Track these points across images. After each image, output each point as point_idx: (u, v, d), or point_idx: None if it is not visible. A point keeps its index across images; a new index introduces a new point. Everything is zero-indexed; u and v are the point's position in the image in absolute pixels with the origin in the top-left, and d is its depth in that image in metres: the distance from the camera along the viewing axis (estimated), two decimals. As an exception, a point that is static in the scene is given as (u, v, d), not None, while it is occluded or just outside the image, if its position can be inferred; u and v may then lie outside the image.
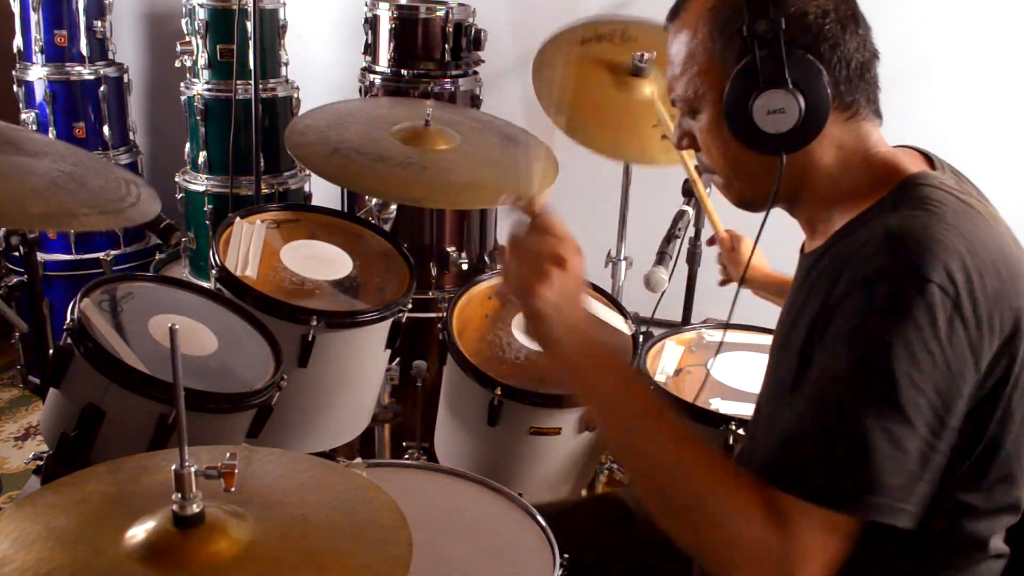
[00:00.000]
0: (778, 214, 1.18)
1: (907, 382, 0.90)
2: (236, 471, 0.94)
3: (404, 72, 2.56)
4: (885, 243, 0.95)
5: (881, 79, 1.12)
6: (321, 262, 2.01)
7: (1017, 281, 0.98)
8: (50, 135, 2.91)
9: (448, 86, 2.58)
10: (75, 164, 1.44)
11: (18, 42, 2.90)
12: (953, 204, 1.00)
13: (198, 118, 2.76)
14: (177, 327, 0.88)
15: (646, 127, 2.18)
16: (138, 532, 0.93)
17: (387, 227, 2.19)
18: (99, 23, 2.94)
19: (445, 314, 1.92)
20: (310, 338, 1.78)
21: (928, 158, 1.13)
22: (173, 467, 0.91)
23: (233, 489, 0.94)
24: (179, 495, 0.91)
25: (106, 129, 3.01)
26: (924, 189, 1.02)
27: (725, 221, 1.89)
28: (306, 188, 2.96)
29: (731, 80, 1.05)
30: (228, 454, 0.95)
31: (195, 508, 0.92)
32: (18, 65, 2.93)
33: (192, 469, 0.91)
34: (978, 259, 0.94)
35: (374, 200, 2.18)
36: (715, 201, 2.02)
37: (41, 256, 2.73)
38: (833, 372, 0.94)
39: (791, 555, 0.91)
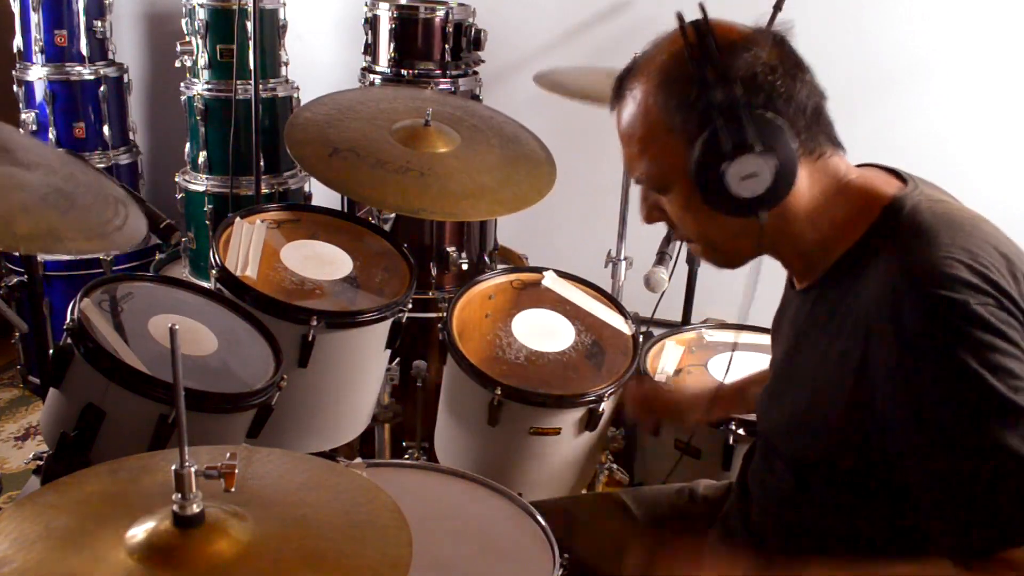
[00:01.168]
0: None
1: (1006, 386, 0.91)
2: (236, 471, 0.94)
3: (404, 72, 2.56)
4: (908, 289, 0.96)
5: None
6: (321, 262, 2.01)
7: (1018, 278, 0.99)
8: (50, 135, 2.92)
9: (448, 86, 2.58)
10: (67, 178, 1.40)
11: (18, 42, 2.90)
12: (942, 220, 1.02)
13: (198, 118, 2.76)
14: (177, 327, 0.88)
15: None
16: (138, 532, 0.93)
17: (387, 227, 2.19)
18: (99, 23, 2.94)
19: (445, 314, 1.92)
20: (310, 338, 1.78)
21: (896, 174, 1.14)
22: (173, 467, 0.91)
23: (233, 489, 0.94)
24: (179, 495, 0.91)
25: (106, 129, 3.01)
26: (909, 215, 1.04)
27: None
28: (306, 188, 2.96)
29: (697, 153, 1.03)
30: (228, 454, 0.95)
31: (195, 508, 0.92)
32: (18, 65, 2.93)
33: (192, 469, 0.91)
34: (988, 266, 0.96)
35: (374, 200, 2.18)
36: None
37: (41, 256, 2.73)
38: (949, 430, 0.94)
39: None
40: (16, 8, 2.86)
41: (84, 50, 2.92)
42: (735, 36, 1.05)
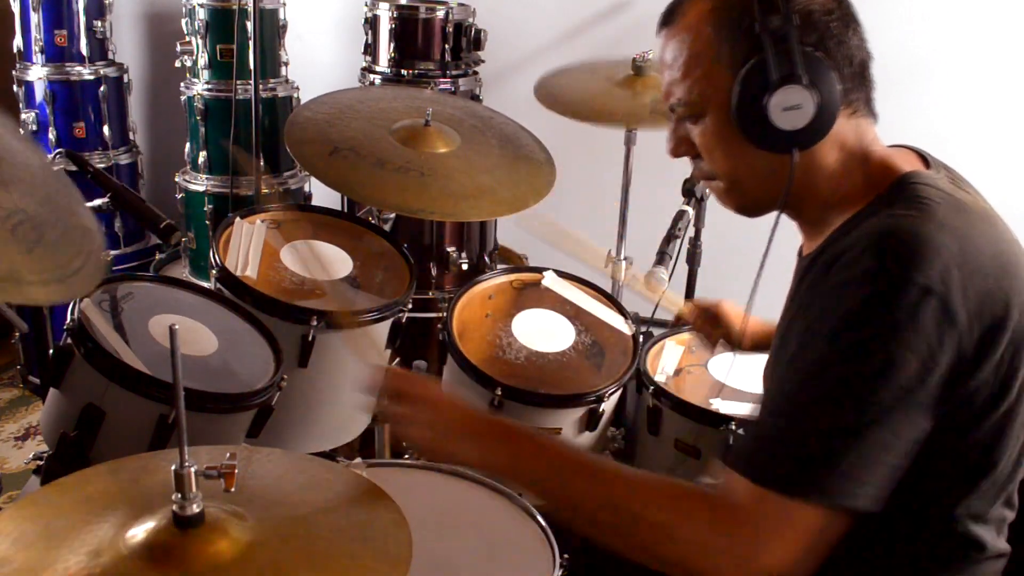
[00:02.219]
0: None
1: (882, 378, 0.91)
2: (236, 471, 0.94)
3: (404, 72, 2.57)
4: (873, 244, 0.95)
5: (881, 79, 1.12)
6: (321, 262, 2.01)
7: (1012, 277, 0.98)
8: (50, 135, 2.91)
9: (448, 86, 2.58)
10: (43, 201, 1.31)
11: (18, 42, 2.90)
12: (945, 202, 1.00)
13: (198, 118, 2.76)
14: (177, 327, 0.88)
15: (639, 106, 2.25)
16: (138, 532, 0.93)
17: (387, 227, 2.19)
18: (99, 23, 2.94)
19: (445, 314, 1.92)
20: (310, 338, 1.78)
21: (923, 157, 1.13)
22: (173, 467, 0.91)
23: (233, 489, 0.94)
24: (179, 495, 0.91)
25: (106, 129, 3.01)
26: (916, 188, 1.03)
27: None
28: (306, 188, 2.96)
29: (741, 78, 1.04)
30: (228, 454, 0.95)
31: (195, 508, 0.92)
32: (18, 65, 2.92)
33: (192, 469, 0.91)
34: (969, 256, 0.95)
35: (374, 200, 2.18)
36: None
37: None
38: (810, 368, 0.96)
39: (749, 541, 0.94)
40: (16, 8, 2.86)
41: (84, 50, 2.91)
42: None
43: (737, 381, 1.84)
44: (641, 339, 1.99)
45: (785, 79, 1.02)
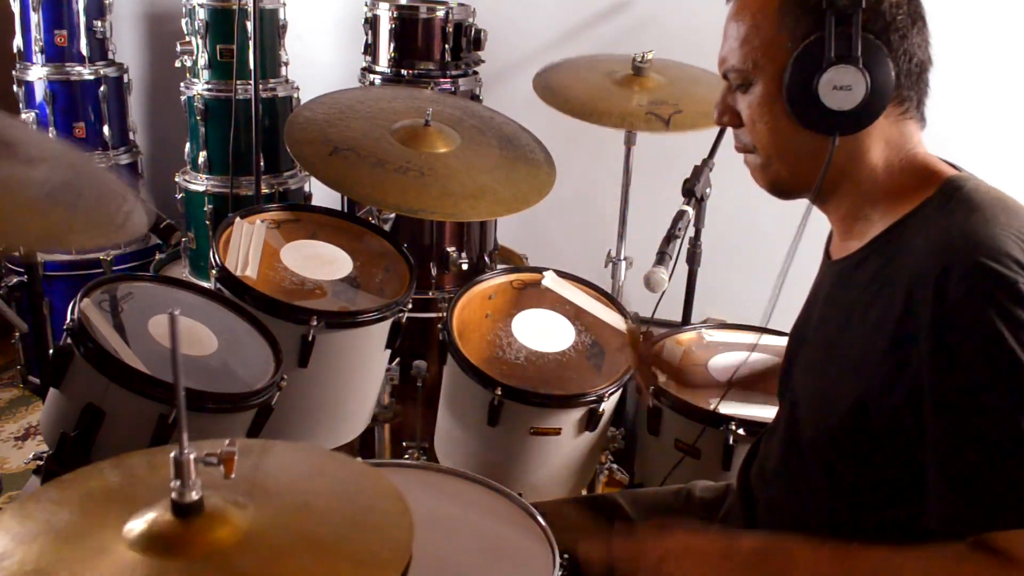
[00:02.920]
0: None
1: None
2: (235, 458, 0.93)
3: (404, 72, 2.56)
4: (957, 261, 0.94)
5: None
6: (321, 262, 2.01)
7: None
8: (50, 135, 2.91)
9: (448, 86, 2.58)
10: (70, 172, 1.41)
11: (18, 42, 2.90)
12: (999, 203, 1.01)
13: (198, 118, 2.76)
14: (178, 312, 0.87)
15: (636, 108, 2.25)
16: (138, 523, 0.92)
17: (387, 227, 2.19)
18: (99, 23, 2.94)
19: (445, 314, 1.92)
20: (310, 338, 1.78)
21: (955, 167, 1.13)
22: (172, 454, 0.91)
23: (233, 476, 0.94)
24: (178, 482, 0.91)
25: (106, 129, 3.01)
26: (968, 192, 1.03)
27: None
28: (306, 188, 2.96)
29: (798, 52, 1.04)
30: (228, 441, 0.95)
31: (194, 496, 0.91)
32: (18, 65, 2.93)
33: (191, 455, 0.91)
34: None
35: (374, 200, 2.18)
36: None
37: (41, 256, 2.73)
38: (971, 394, 0.93)
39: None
40: (16, 8, 2.86)
41: (84, 50, 2.92)
42: None
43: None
44: (641, 339, 1.98)
45: (841, 58, 1.02)
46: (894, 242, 1.05)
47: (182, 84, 2.81)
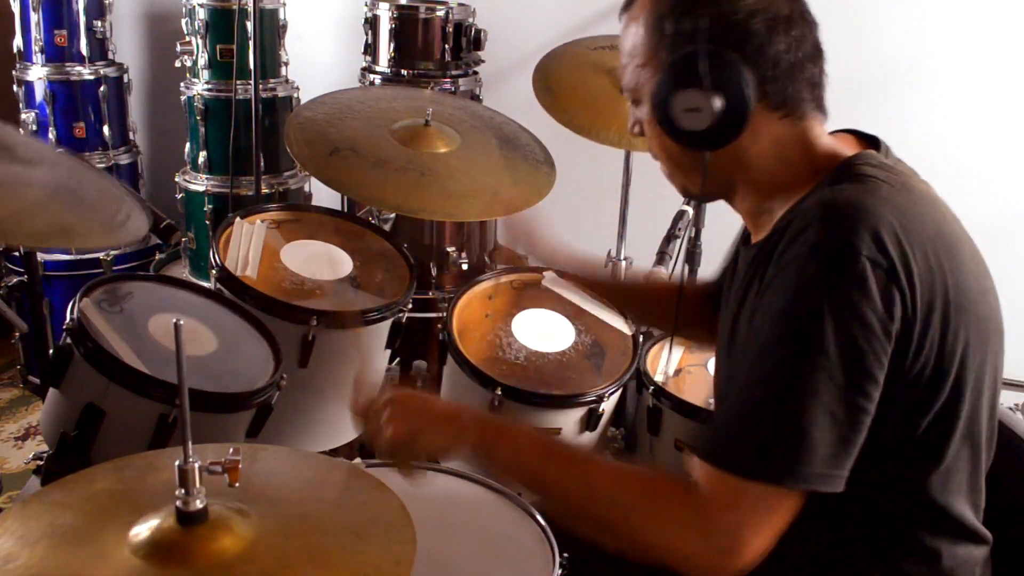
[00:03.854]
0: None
1: (836, 351, 0.92)
2: (240, 466, 0.94)
3: (404, 72, 2.57)
4: (816, 217, 0.97)
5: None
6: (321, 262, 2.01)
7: (951, 258, 0.99)
8: (50, 135, 2.91)
9: (448, 86, 2.58)
10: (70, 175, 1.41)
11: (18, 42, 2.90)
12: (889, 180, 1.02)
13: (198, 118, 2.75)
14: (181, 321, 0.88)
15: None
16: (142, 529, 0.93)
17: (387, 227, 2.19)
18: (99, 23, 2.94)
19: (445, 314, 1.92)
20: (310, 338, 1.78)
21: (874, 140, 1.14)
22: (176, 463, 0.91)
23: (237, 485, 0.94)
24: (183, 491, 0.91)
25: (106, 129, 3.01)
26: (860, 167, 1.04)
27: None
28: (306, 188, 2.96)
29: (659, 76, 1.08)
30: (232, 449, 0.95)
31: (198, 504, 0.92)
32: (18, 65, 2.92)
33: (196, 465, 0.91)
34: (911, 232, 0.96)
35: (374, 200, 2.18)
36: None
37: (41, 256, 2.73)
38: (763, 347, 0.97)
39: (734, 535, 0.94)
40: (16, 8, 2.86)
41: (84, 50, 2.91)
42: None
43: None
44: (641, 339, 1.99)
45: (686, 81, 1.04)
46: (787, 228, 1.05)
47: (182, 84, 2.81)
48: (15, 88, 2.92)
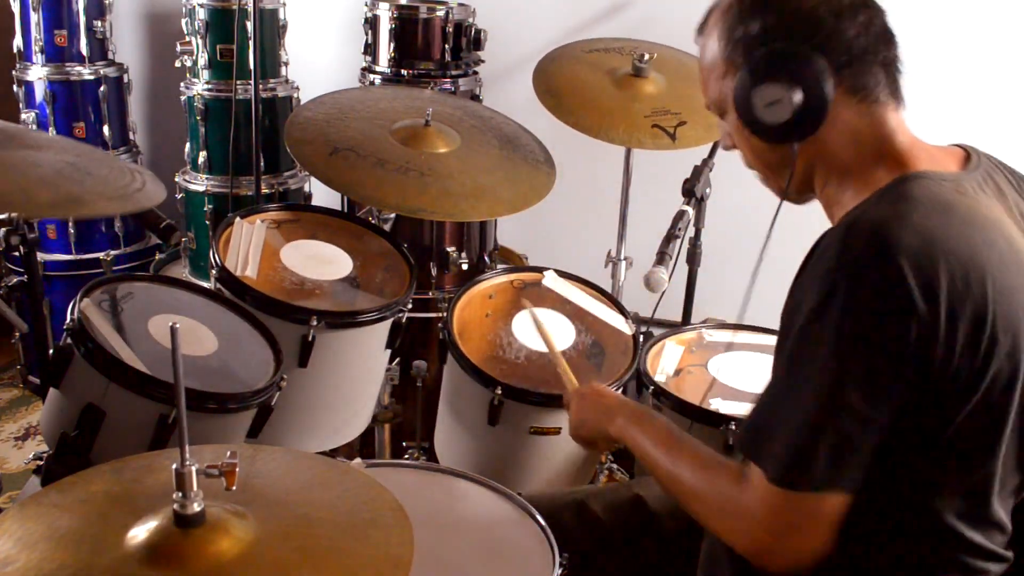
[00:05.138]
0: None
1: (846, 376, 0.96)
2: (237, 470, 0.94)
3: (404, 72, 2.56)
4: (838, 239, 1.00)
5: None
6: (321, 262, 2.01)
7: (995, 281, 0.98)
8: (50, 135, 2.91)
9: (448, 86, 2.58)
10: (78, 156, 1.44)
11: (18, 42, 2.90)
12: (930, 203, 1.01)
13: (198, 118, 2.76)
14: (178, 325, 0.88)
15: (639, 116, 2.23)
16: (139, 532, 0.93)
17: (387, 227, 2.19)
18: (99, 23, 2.94)
19: (445, 314, 1.92)
20: (310, 338, 1.78)
21: (967, 154, 1.17)
22: (174, 466, 0.91)
23: (234, 488, 0.94)
24: (180, 494, 0.91)
25: (106, 129, 3.00)
26: (909, 186, 1.04)
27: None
28: (306, 188, 2.96)
29: (737, 79, 1.12)
30: (229, 452, 0.95)
31: (196, 507, 0.92)
32: (18, 65, 2.92)
33: (193, 468, 0.91)
34: (935, 256, 0.95)
35: (374, 200, 2.18)
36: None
37: (41, 256, 2.73)
38: (787, 358, 1.03)
39: (751, 504, 1.03)
40: (16, 8, 2.86)
41: (84, 50, 2.91)
42: None
43: (737, 381, 1.84)
44: (641, 339, 1.99)
45: (762, 76, 1.09)
46: (821, 237, 1.09)
47: (182, 84, 2.81)
48: (15, 88, 2.92)
